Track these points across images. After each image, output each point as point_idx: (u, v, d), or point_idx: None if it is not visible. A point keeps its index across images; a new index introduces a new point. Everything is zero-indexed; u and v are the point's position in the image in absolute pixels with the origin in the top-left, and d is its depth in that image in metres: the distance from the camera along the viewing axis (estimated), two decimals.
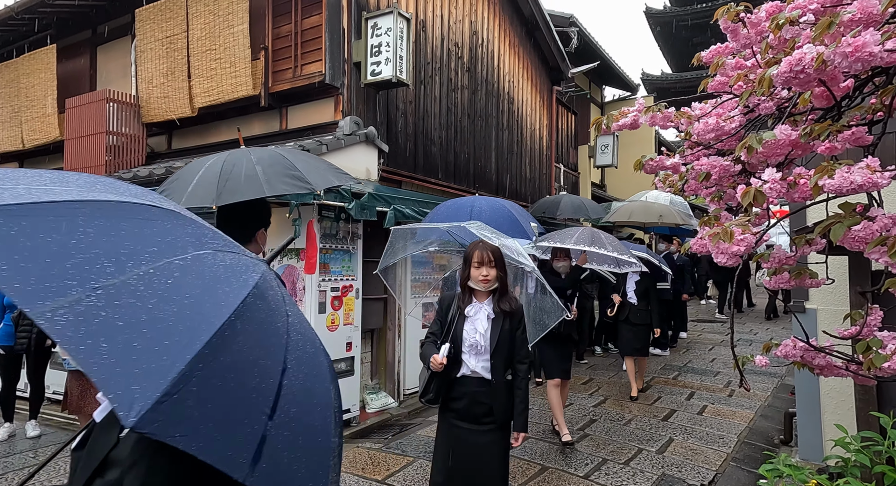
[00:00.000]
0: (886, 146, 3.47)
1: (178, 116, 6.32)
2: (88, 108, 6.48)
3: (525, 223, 4.60)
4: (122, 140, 6.46)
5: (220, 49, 5.94)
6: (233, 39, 5.84)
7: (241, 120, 6.34)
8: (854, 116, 1.75)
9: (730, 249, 1.69)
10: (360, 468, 4.20)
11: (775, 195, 1.66)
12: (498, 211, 4.62)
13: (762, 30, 1.94)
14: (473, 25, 8.10)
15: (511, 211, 4.73)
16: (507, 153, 9.08)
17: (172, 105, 6.32)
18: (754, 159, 1.79)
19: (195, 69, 6.13)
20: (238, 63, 5.82)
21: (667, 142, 17.17)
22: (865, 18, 1.48)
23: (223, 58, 5.92)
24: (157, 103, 6.44)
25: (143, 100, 6.58)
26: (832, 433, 3.27)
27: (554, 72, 10.46)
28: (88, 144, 6.42)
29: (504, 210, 4.69)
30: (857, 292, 2.41)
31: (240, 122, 6.36)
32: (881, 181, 1.42)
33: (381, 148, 5.93)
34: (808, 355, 1.92)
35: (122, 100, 6.48)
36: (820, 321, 3.68)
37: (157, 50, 6.42)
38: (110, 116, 6.35)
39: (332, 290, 5.00)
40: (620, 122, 2.31)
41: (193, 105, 6.19)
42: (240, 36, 5.79)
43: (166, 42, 6.33)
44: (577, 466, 4.18)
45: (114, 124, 6.38)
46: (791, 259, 1.97)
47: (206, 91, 6.06)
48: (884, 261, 1.47)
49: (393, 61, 5.59)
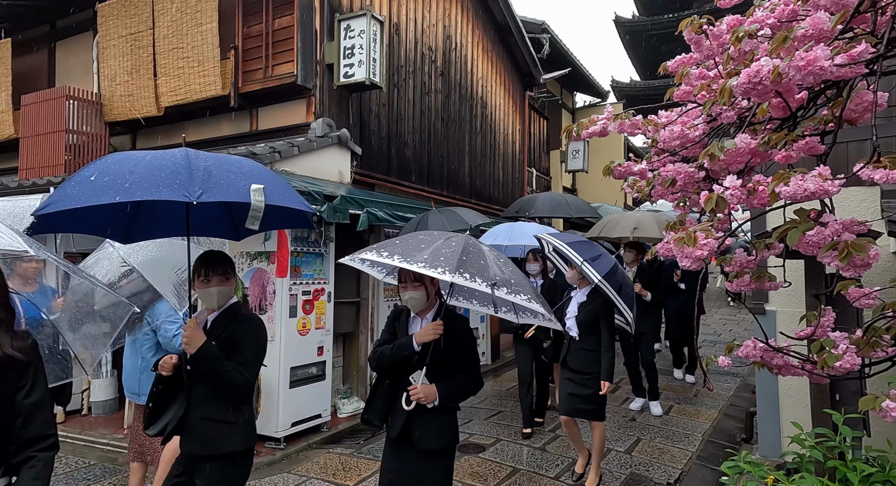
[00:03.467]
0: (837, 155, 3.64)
1: (143, 115, 6.14)
2: (46, 105, 6.23)
3: None
4: (83, 139, 6.23)
5: (187, 47, 5.80)
6: (201, 38, 5.72)
7: (210, 120, 6.21)
8: (808, 126, 1.84)
9: (693, 253, 1.75)
10: (332, 473, 4.14)
11: (736, 201, 1.72)
12: None
13: (724, 42, 2.01)
14: (447, 30, 8.14)
15: None
16: (481, 157, 9.14)
17: (137, 104, 6.14)
18: (717, 166, 1.85)
19: (161, 67, 5.97)
20: (207, 62, 5.69)
21: (635, 148, 17.59)
22: (817, 34, 1.55)
23: (191, 56, 5.78)
24: (121, 102, 6.25)
25: (105, 98, 6.37)
26: (790, 430, 3.40)
27: (526, 77, 10.60)
28: (46, 142, 6.17)
29: None
30: (811, 295, 2.52)
31: (209, 122, 6.23)
32: (832, 189, 1.49)
33: (354, 150, 5.89)
34: (767, 355, 1.99)
35: (82, 97, 6.26)
36: (779, 322, 3.82)
37: (120, 47, 6.23)
38: (70, 113, 6.12)
39: (304, 293, 4.93)
40: (590, 129, 2.36)
41: (159, 104, 6.03)
42: (208, 34, 5.67)
43: (131, 39, 6.15)
44: (547, 467, 4.22)
45: (74, 123, 6.16)
46: (751, 263, 2.04)
47: (173, 90, 5.91)
48: (835, 265, 1.54)
49: (366, 64, 5.57)
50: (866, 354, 1.73)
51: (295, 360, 4.79)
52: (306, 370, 4.92)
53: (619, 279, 3.72)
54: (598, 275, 3.58)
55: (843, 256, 1.49)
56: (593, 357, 3.77)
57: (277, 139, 5.57)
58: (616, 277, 3.71)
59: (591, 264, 3.65)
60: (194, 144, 6.22)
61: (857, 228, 1.62)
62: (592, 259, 3.69)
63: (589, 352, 3.80)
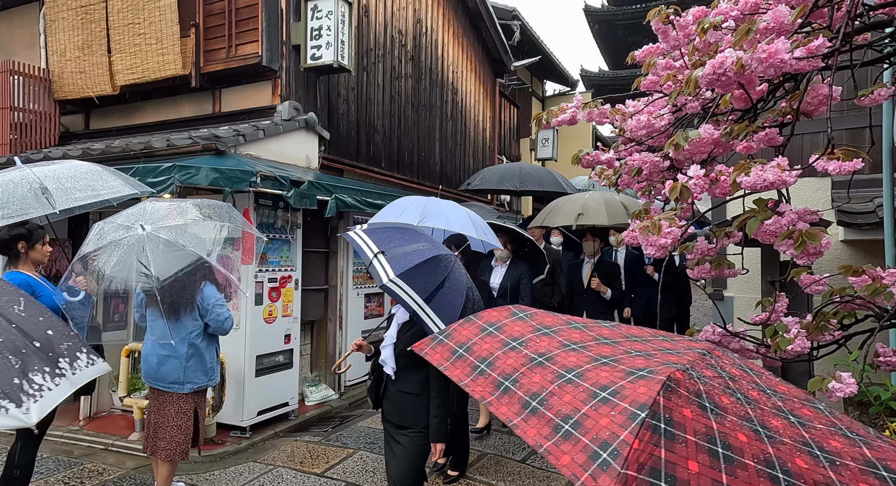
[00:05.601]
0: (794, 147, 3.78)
1: (96, 94, 5.83)
2: None
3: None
4: (30, 117, 5.88)
5: (144, 23, 5.52)
6: (159, 14, 5.45)
7: (171, 101, 5.95)
8: (767, 118, 1.89)
9: (658, 241, 1.79)
10: (299, 461, 4.12)
11: (699, 191, 1.77)
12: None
13: (690, 33, 2.04)
14: (417, 13, 8.01)
15: None
16: (451, 144, 9.10)
17: (90, 81, 5.82)
18: (681, 156, 1.89)
19: (116, 44, 5.67)
20: (165, 39, 5.44)
21: (603, 137, 17.86)
22: (778, 27, 1.59)
23: (148, 33, 5.51)
24: (72, 79, 5.91)
25: (54, 74, 6.02)
26: None
27: (497, 64, 10.57)
28: None
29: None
30: (767, 282, 2.62)
31: (169, 103, 5.98)
32: (789, 179, 1.54)
33: (322, 135, 5.77)
34: (724, 339, 2.07)
35: (28, 73, 5.89)
36: (736, 308, 3.98)
37: (70, 20, 5.87)
38: (14, 90, 5.75)
39: (270, 281, 4.83)
40: (560, 117, 2.38)
41: (114, 82, 5.74)
42: (167, 10, 5.41)
43: (81, 12, 5.81)
44: (514, 451, 4.31)
45: (19, 100, 5.79)
46: (712, 251, 2.11)
47: (129, 68, 5.62)
48: (790, 253, 1.60)
49: (334, 46, 5.43)
50: (815, 337, 1.82)
51: (261, 348, 4.71)
52: (273, 358, 4.85)
53: (438, 281, 2.39)
54: (393, 272, 2.33)
55: (798, 244, 1.55)
56: (417, 405, 2.44)
57: (242, 122, 5.39)
58: (433, 277, 2.39)
59: (390, 259, 2.41)
60: (154, 126, 5.97)
61: (811, 218, 1.69)
62: (397, 252, 2.45)
63: (412, 397, 2.44)
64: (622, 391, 0.91)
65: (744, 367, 1.16)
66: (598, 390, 0.93)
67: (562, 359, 1.05)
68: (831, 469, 0.86)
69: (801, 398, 1.09)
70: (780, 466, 0.84)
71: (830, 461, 0.88)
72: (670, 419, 0.85)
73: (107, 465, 4.06)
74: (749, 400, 0.99)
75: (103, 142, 5.27)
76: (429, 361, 1.29)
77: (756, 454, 0.85)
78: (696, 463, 0.81)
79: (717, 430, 0.87)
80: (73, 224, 5.57)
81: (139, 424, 4.46)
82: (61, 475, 3.87)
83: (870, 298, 1.68)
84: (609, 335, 1.19)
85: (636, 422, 0.84)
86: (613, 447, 0.82)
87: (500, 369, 1.10)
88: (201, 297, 3.10)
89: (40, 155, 5.23)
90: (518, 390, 1.02)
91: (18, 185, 2.86)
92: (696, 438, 0.84)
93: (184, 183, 4.07)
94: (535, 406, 0.97)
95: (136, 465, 4.04)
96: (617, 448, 0.82)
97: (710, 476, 0.80)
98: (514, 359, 1.10)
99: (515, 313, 1.29)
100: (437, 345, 1.28)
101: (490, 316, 1.30)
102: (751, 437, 0.88)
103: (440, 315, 2.27)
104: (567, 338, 1.15)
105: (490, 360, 1.14)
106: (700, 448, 0.83)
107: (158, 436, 3.12)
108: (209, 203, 3.17)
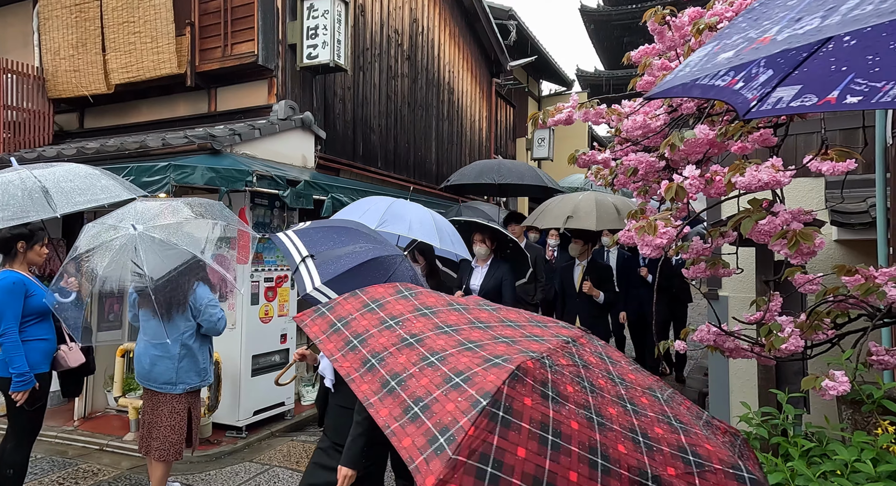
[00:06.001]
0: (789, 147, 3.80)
1: (91, 93, 5.80)
2: None
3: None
4: (24, 116, 5.84)
5: (139, 22, 5.49)
6: (154, 12, 5.42)
7: (166, 100, 5.93)
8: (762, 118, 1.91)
9: (653, 241, 1.80)
10: (295, 461, 4.11)
11: (695, 191, 1.78)
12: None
13: (685, 33, 2.05)
14: (413, 13, 8.01)
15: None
16: (448, 143, 9.10)
17: (84, 80, 5.79)
18: (677, 156, 1.90)
19: (111, 42, 5.64)
20: (160, 38, 5.41)
21: (599, 137, 17.89)
22: None
23: (143, 31, 5.49)
24: (66, 77, 5.88)
25: (48, 73, 5.98)
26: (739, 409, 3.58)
27: (493, 64, 10.57)
28: None
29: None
30: (762, 281, 2.64)
31: (164, 102, 5.95)
32: (783, 179, 1.55)
33: (318, 134, 5.76)
34: (719, 339, 2.08)
35: (21, 71, 5.85)
36: (731, 308, 4.00)
37: (64, 18, 5.84)
38: (8, 88, 5.71)
39: (266, 280, 4.82)
40: (556, 117, 2.38)
41: (109, 81, 5.71)
42: (162, 9, 5.38)
43: (75, 10, 5.77)
44: None
45: (12, 98, 5.76)
46: (707, 250, 2.12)
47: (124, 67, 5.60)
48: (784, 252, 1.62)
49: (330, 45, 5.43)
50: (809, 336, 1.83)
51: (257, 348, 4.70)
52: (269, 358, 4.84)
53: None
54: (320, 279, 2.12)
55: (792, 244, 1.56)
56: None
57: (237, 121, 5.38)
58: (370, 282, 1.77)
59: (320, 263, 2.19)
60: (149, 125, 5.94)
61: (804, 218, 1.70)
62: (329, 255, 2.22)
63: (349, 412, 2.12)
64: (473, 378, 0.94)
65: (603, 354, 1.21)
66: (453, 376, 0.96)
67: (431, 341, 1.06)
68: (647, 454, 0.93)
69: (644, 387, 1.15)
70: (602, 452, 0.91)
71: (649, 446, 0.95)
72: (510, 407, 0.90)
73: (102, 465, 4.04)
74: (594, 388, 1.05)
75: (98, 141, 5.24)
76: (306, 333, 1.24)
77: (583, 441, 0.91)
78: (524, 449, 0.86)
79: (553, 418, 0.92)
80: (67, 224, 5.54)
81: (134, 424, 4.44)
82: (56, 476, 3.85)
83: (863, 297, 1.69)
84: (486, 319, 1.21)
85: (476, 410, 0.87)
86: (451, 433, 0.85)
87: (371, 346, 1.10)
88: (194, 297, 3.09)
89: (34, 154, 5.20)
90: (382, 369, 1.03)
91: (18, 187, 2.87)
92: (530, 425, 0.89)
93: (179, 182, 4.06)
94: (393, 386, 0.98)
95: (132, 465, 4.03)
96: (454, 434, 0.85)
97: (535, 462, 0.85)
98: (387, 338, 1.10)
99: (401, 291, 1.29)
100: (317, 317, 1.25)
101: (376, 292, 1.30)
102: (583, 425, 0.94)
103: None
104: (443, 320, 1.16)
105: (364, 336, 1.13)
106: (532, 436, 0.89)
107: (152, 436, 3.11)
108: (201, 202, 3.17)
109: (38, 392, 2.94)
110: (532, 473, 0.84)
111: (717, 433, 1.12)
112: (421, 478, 0.82)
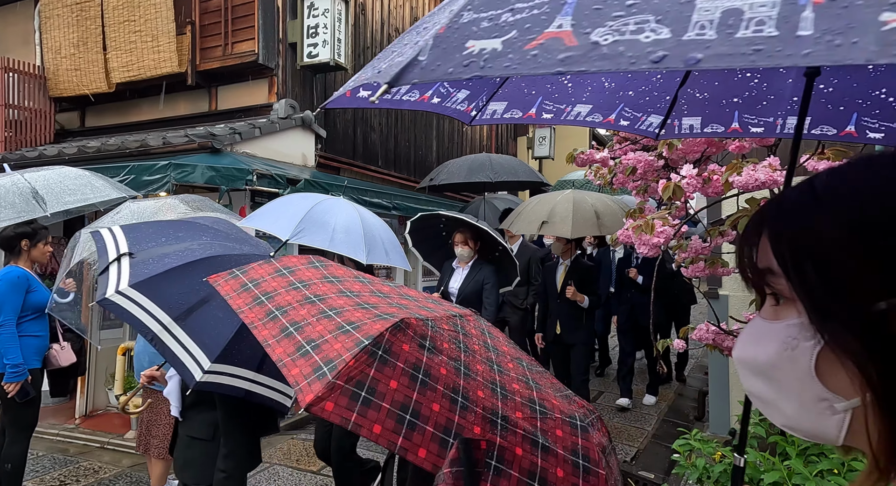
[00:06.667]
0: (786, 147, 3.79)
1: (91, 91, 5.81)
2: None
3: None
4: (25, 115, 5.86)
5: (139, 21, 5.50)
6: (154, 11, 5.43)
7: (167, 98, 5.94)
8: None
9: (651, 240, 1.80)
10: (295, 459, 4.12)
11: (692, 190, 1.78)
12: None
13: None
14: (414, 11, 8.00)
15: None
16: (448, 142, 9.11)
17: (85, 79, 5.80)
18: (675, 155, 1.91)
19: (111, 41, 5.65)
20: (161, 37, 5.42)
21: (599, 136, 17.87)
22: None
23: (144, 30, 5.49)
24: (67, 76, 5.89)
25: (49, 71, 5.99)
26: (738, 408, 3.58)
27: None
28: None
29: None
30: None
31: (165, 100, 5.96)
32: (780, 179, 1.55)
33: (318, 133, 5.77)
34: (718, 337, 2.08)
35: (23, 70, 5.87)
36: (731, 307, 4.00)
37: (65, 17, 5.85)
38: (8, 87, 5.73)
39: None
40: None
41: (110, 80, 5.72)
42: (162, 8, 5.39)
43: (76, 9, 5.78)
44: None
45: (13, 97, 5.77)
46: (706, 249, 2.12)
47: (125, 66, 5.61)
48: None
49: (331, 44, 5.43)
50: None
51: None
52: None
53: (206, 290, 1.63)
54: (127, 281, 1.71)
55: None
56: (208, 453, 1.91)
57: (238, 120, 5.39)
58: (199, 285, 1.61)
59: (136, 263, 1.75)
60: (150, 124, 5.95)
61: None
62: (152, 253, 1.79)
63: (201, 444, 1.93)
64: (363, 327, 1.08)
65: (486, 332, 1.37)
66: (345, 324, 1.10)
67: (332, 301, 1.19)
68: (501, 401, 1.12)
69: (514, 357, 1.33)
70: (463, 393, 1.07)
71: (504, 395, 1.15)
72: (389, 349, 1.05)
73: (103, 463, 4.06)
74: (468, 350, 1.21)
75: (99, 139, 5.26)
76: (218, 291, 1.28)
77: (448, 384, 1.07)
78: (396, 382, 1.02)
79: (425, 363, 1.07)
80: (68, 224, 5.56)
81: (135, 422, 4.45)
82: (56, 473, 3.87)
83: None
84: (387, 292, 1.35)
85: (359, 347, 1.02)
86: (334, 363, 1.00)
87: (277, 302, 1.20)
88: None
89: (35, 153, 5.22)
90: (283, 318, 1.14)
91: (10, 190, 2.94)
92: (404, 365, 1.05)
93: (180, 181, 4.07)
94: (290, 331, 1.10)
95: (132, 463, 4.04)
96: (336, 364, 1.00)
97: (404, 393, 1.01)
98: (293, 296, 1.22)
99: (313, 262, 1.40)
100: (231, 279, 1.33)
101: (289, 262, 1.40)
102: (451, 372, 1.10)
103: (199, 338, 1.59)
104: (347, 287, 1.29)
105: (272, 294, 1.24)
106: (405, 373, 1.04)
107: (151, 434, 3.12)
108: (195, 198, 3.21)
109: (28, 385, 2.97)
110: (401, 401, 1.00)
111: (574, 404, 1.27)
112: (302, 396, 0.95)
